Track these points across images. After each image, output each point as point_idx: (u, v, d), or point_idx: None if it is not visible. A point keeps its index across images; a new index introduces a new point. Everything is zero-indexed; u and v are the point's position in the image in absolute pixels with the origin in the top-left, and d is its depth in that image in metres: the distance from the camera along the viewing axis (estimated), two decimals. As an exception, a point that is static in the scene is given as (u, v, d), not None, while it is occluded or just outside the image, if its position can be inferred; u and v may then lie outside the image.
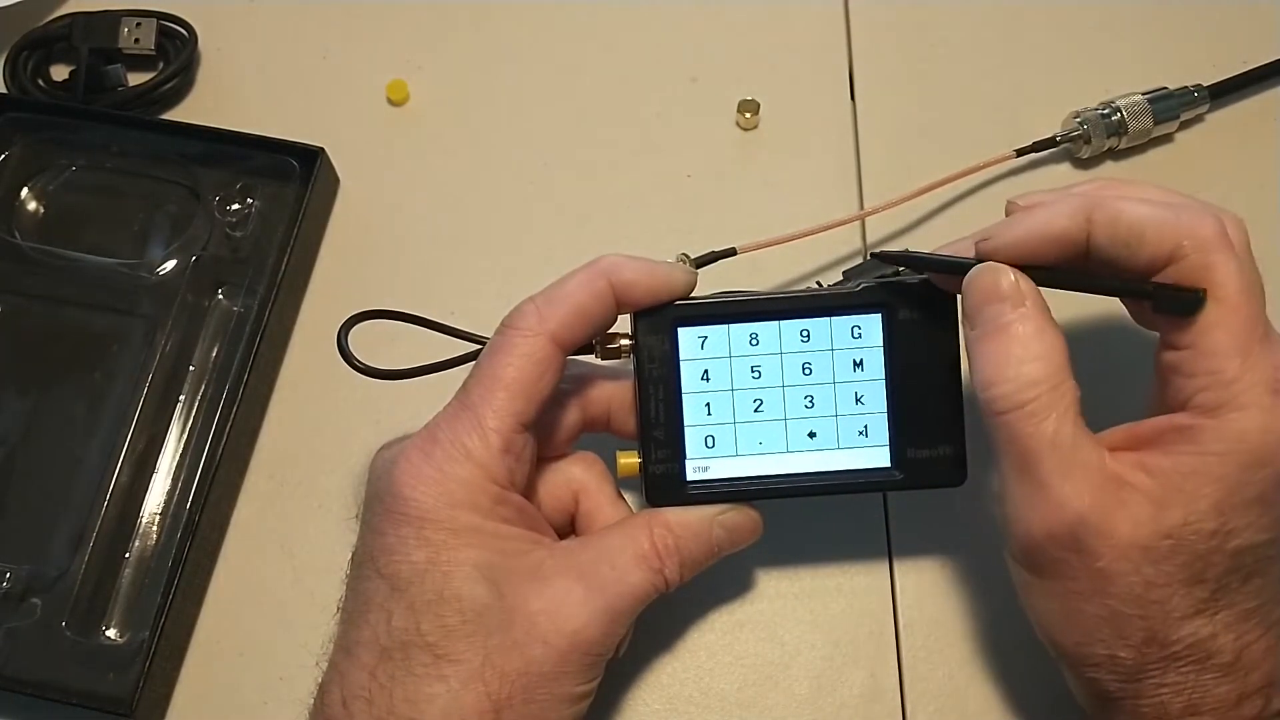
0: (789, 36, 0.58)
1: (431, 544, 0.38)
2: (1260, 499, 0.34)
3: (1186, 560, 0.35)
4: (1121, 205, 0.36)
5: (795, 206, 0.54)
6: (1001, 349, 0.36)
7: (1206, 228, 0.35)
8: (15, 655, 0.46)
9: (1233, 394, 0.34)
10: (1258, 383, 0.34)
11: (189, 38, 0.57)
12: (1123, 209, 0.36)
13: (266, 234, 0.52)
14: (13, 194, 0.54)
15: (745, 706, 0.47)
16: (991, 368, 0.36)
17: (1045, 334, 0.36)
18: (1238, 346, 0.34)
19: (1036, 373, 0.35)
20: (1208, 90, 0.55)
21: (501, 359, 0.39)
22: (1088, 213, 0.36)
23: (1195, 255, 0.35)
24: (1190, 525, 0.34)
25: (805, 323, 0.41)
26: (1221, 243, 0.35)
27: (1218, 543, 0.35)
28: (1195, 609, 0.35)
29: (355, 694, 0.38)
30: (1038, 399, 0.35)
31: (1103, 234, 0.36)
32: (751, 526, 0.42)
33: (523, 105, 0.57)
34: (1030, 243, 0.37)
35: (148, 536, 0.48)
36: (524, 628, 0.37)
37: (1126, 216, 0.36)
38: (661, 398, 0.41)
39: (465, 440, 0.38)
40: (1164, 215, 0.36)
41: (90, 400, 0.50)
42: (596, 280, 0.39)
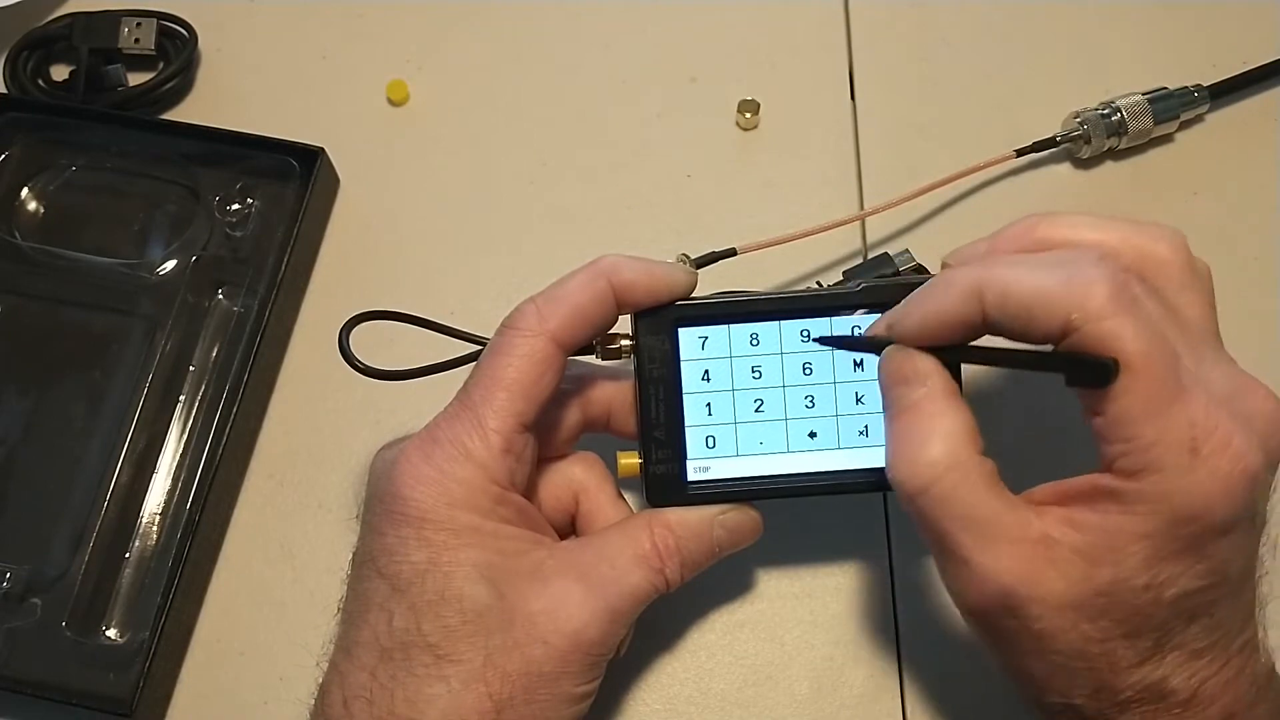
0: (789, 36, 0.58)
1: (432, 544, 0.38)
2: (1191, 550, 0.34)
3: (1123, 615, 0.34)
4: (1008, 281, 0.34)
5: (795, 206, 0.54)
6: (904, 431, 0.36)
7: (1095, 296, 0.33)
8: (15, 655, 0.46)
9: (1150, 458, 0.33)
10: (1173, 444, 0.33)
11: (189, 38, 0.57)
12: (1009, 286, 0.34)
13: (266, 234, 0.52)
14: (13, 194, 0.54)
15: (745, 706, 0.47)
16: (895, 451, 0.36)
17: (947, 414, 0.36)
18: (1148, 411, 0.33)
19: (938, 454, 0.35)
20: (1208, 90, 0.55)
21: (502, 359, 0.39)
22: (978, 292, 0.35)
23: (1087, 326, 0.33)
24: (1122, 581, 0.34)
25: (805, 323, 0.41)
26: (1113, 306, 0.33)
27: (1152, 595, 0.34)
28: (1141, 657, 0.35)
29: (356, 694, 0.38)
30: (942, 480, 0.35)
31: (994, 313, 0.35)
32: (752, 526, 0.42)
33: (523, 105, 0.57)
34: (930, 328, 0.36)
35: (148, 536, 0.48)
36: (524, 628, 0.37)
37: (1013, 293, 0.34)
38: (662, 398, 0.41)
39: (466, 440, 0.38)
40: (1050, 287, 0.34)
41: (90, 400, 0.50)
42: (597, 280, 0.39)
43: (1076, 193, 0.55)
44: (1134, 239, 0.37)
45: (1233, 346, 0.40)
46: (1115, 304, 0.33)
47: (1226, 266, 0.53)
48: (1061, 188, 0.55)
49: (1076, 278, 0.33)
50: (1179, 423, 0.33)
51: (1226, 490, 0.33)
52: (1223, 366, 0.36)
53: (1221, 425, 0.33)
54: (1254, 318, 0.52)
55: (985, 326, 0.36)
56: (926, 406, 0.36)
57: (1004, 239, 0.38)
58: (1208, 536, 0.33)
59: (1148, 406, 0.33)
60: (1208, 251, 0.54)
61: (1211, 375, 0.35)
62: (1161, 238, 0.37)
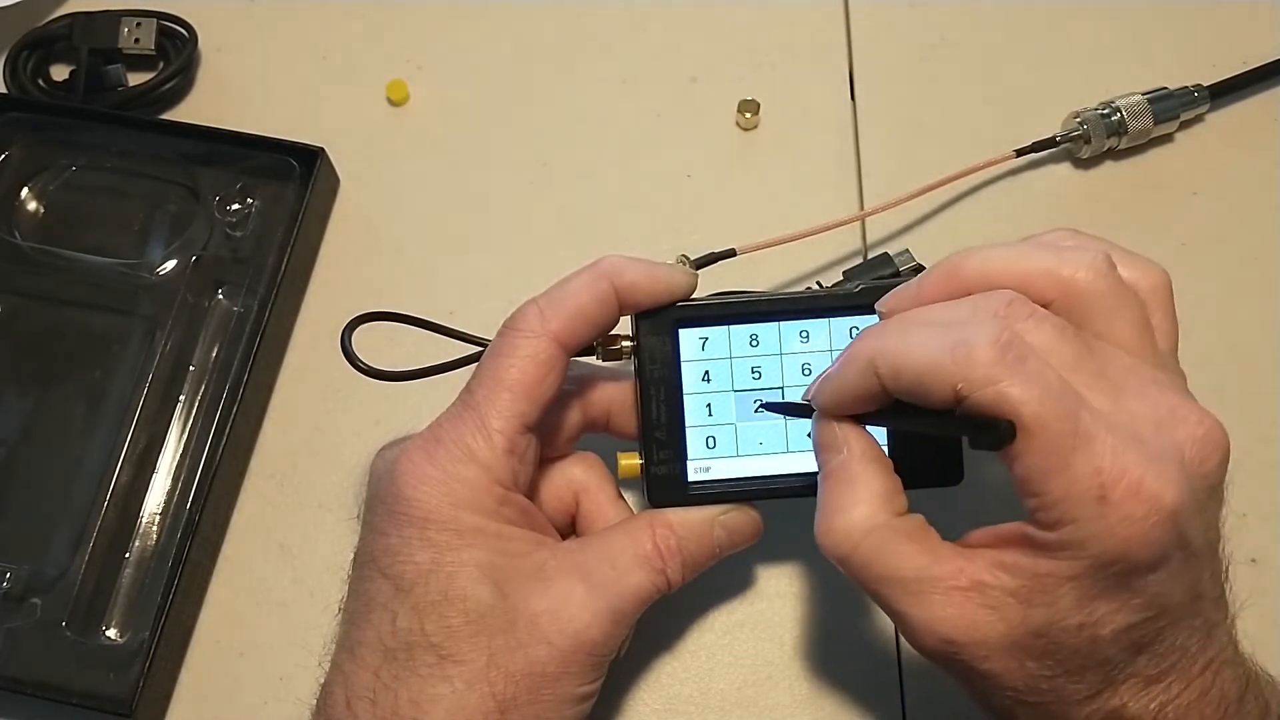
0: (789, 36, 0.58)
1: (435, 545, 0.38)
2: (1119, 588, 0.33)
3: (1064, 655, 0.34)
4: (899, 354, 0.34)
5: (795, 206, 0.54)
6: (825, 498, 0.37)
7: (978, 362, 0.33)
8: (15, 655, 0.46)
9: (1062, 511, 0.33)
10: (1081, 495, 0.32)
11: (189, 38, 0.57)
12: (899, 359, 0.34)
13: (266, 234, 0.52)
14: (13, 194, 0.53)
15: (745, 706, 0.47)
16: (820, 518, 0.37)
17: (864, 479, 0.36)
18: (1051, 467, 0.32)
19: (856, 520, 0.36)
20: (1208, 90, 0.55)
21: (504, 360, 0.39)
22: (873, 366, 0.35)
23: (975, 394, 0.33)
24: (1056, 623, 0.34)
25: (805, 323, 0.41)
26: (998, 369, 0.32)
27: (1089, 634, 0.34)
28: (1093, 690, 0.35)
29: (359, 695, 0.38)
30: (861, 545, 0.36)
31: (891, 385, 0.35)
32: (753, 527, 0.42)
33: (523, 105, 0.57)
34: (839, 402, 0.37)
35: (148, 536, 0.48)
36: (527, 628, 0.37)
37: (903, 367, 0.34)
38: (663, 399, 0.41)
39: (469, 441, 0.38)
40: (936, 356, 0.33)
41: (90, 400, 0.50)
42: (599, 282, 0.39)
43: (1076, 193, 0.55)
44: (1053, 269, 0.36)
45: (1233, 346, 0.40)
46: (999, 367, 0.32)
47: (1226, 266, 0.54)
48: (1061, 188, 0.55)
49: (960, 345, 0.33)
50: (1083, 474, 0.32)
51: (1142, 534, 0.32)
52: (1152, 396, 0.35)
53: (1130, 468, 0.32)
54: (1254, 318, 0.52)
55: (889, 395, 0.35)
56: (843, 473, 0.37)
57: (928, 285, 0.37)
58: (1135, 575, 0.33)
59: (1048, 463, 0.32)
60: (1208, 251, 0.54)
61: (1135, 409, 0.34)
62: (1081, 265, 0.36)
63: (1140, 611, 0.34)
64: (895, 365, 0.34)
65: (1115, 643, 0.34)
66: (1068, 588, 0.33)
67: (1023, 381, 0.32)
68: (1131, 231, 0.53)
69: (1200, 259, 0.53)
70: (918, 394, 0.34)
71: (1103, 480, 0.32)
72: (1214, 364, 0.50)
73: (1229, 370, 0.50)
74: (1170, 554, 0.33)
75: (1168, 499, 0.32)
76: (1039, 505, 0.33)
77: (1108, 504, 0.32)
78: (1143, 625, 0.34)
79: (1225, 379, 0.50)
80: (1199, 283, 0.52)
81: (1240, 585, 0.38)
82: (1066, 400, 0.33)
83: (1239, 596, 0.37)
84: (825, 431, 0.38)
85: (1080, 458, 0.32)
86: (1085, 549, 0.33)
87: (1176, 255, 0.53)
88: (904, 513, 0.37)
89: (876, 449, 0.37)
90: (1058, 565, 0.33)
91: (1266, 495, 0.49)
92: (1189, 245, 0.53)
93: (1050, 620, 0.34)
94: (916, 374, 0.34)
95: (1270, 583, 0.47)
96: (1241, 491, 0.37)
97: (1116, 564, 0.33)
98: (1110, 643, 0.34)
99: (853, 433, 0.37)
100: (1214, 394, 0.37)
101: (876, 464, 0.37)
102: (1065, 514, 0.33)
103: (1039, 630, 0.34)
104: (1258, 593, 0.41)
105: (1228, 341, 0.51)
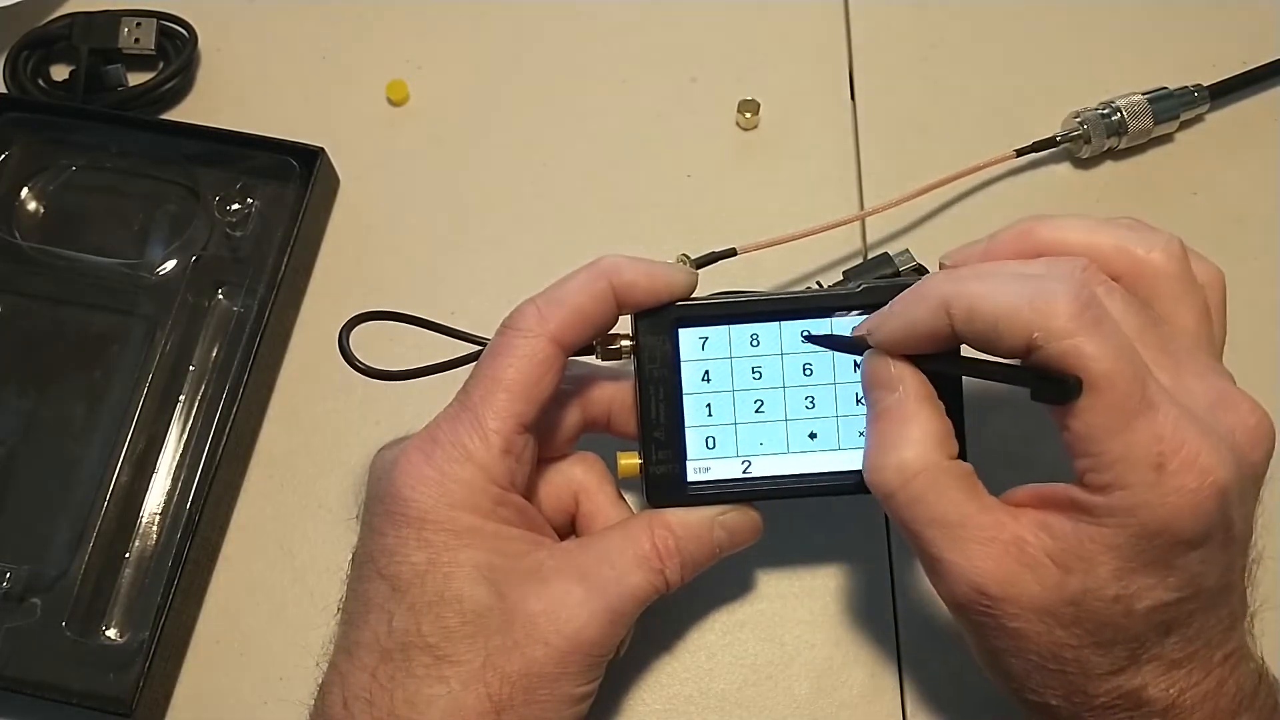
0: (789, 36, 0.58)
1: (432, 545, 0.38)
2: (1160, 562, 0.34)
3: (1094, 626, 0.35)
4: (975, 297, 0.35)
5: (795, 206, 0.54)
6: (878, 435, 0.37)
7: (1058, 314, 0.33)
8: (15, 655, 0.46)
9: (1116, 474, 0.33)
10: (1139, 460, 0.33)
11: (189, 38, 0.57)
12: (975, 302, 0.34)
13: (266, 234, 0.52)
14: (13, 194, 0.53)
15: (745, 706, 0.47)
16: (870, 454, 0.37)
17: (919, 419, 0.37)
18: (1112, 428, 0.33)
19: (908, 458, 0.36)
20: (1208, 90, 0.55)
21: (502, 360, 0.39)
22: (946, 306, 0.35)
23: (1050, 345, 0.33)
24: (1092, 592, 0.34)
25: (806, 323, 0.41)
26: (1075, 325, 0.33)
27: (1123, 607, 0.34)
28: (1117, 666, 0.35)
29: (356, 695, 0.38)
30: (911, 483, 0.36)
31: (962, 328, 0.35)
32: (752, 527, 0.42)
33: (523, 105, 0.57)
34: (903, 338, 0.37)
35: (148, 536, 0.48)
36: (524, 629, 0.37)
37: (979, 310, 0.34)
38: (662, 398, 0.41)
39: (466, 441, 0.38)
40: (1015, 304, 0.34)
41: (90, 400, 0.50)
42: (597, 281, 0.39)
43: (1076, 193, 0.55)
44: (1129, 246, 0.37)
45: (1233, 346, 0.40)
46: (1077, 322, 0.33)
47: (1226, 266, 0.53)
48: (1061, 188, 0.55)
49: (1040, 295, 0.33)
50: (1144, 439, 0.33)
51: (1193, 506, 0.33)
52: (1209, 379, 0.35)
53: (1189, 441, 0.33)
54: (1254, 317, 0.52)
55: (956, 339, 0.36)
56: (899, 412, 0.37)
57: (1000, 242, 0.38)
58: (1177, 550, 0.33)
59: (1111, 423, 0.33)
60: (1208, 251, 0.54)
61: (1193, 388, 0.35)
62: (1156, 245, 0.37)
63: (1176, 590, 0.34)
64: (972, 307, 0.35)
65: (1147, 619, 0.34)
66: (1108, 557, 0.34)
67: (1097, 340, 0.33)
68: (1131, 231, 0.53)
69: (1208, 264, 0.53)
70: (989, 339, 0.35)
71: (1161, 449, 0.33)
72: (1214, 364, 0.50)
73: (1228, 370, 0.50)
74: (1213, 533, 0.34)
75: (1221, 475, 0.33)
76: (1093, 466, 0.34)
77: (1163, 473, 0.33)
78: (1177, 605, 0.34)
79: (1225, 379, 0.50)
80: (1199, 283, 0.52)
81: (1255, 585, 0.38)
82: (1137, 365, 0.33)
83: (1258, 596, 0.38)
84: (880, 368, 0.38)
85: (1143, 422, 0.33)
86: (1134, 516, 0.33)
87: (1177, 255, 0.53)
88: (955, 457, 0.37)
89: (930, 390, 0.37)
90: (1102, 533, 0.34)
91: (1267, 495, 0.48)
92: (1189, 245, 0.53)
93: (1086, 589, 0.34)
94: (993, 318, 0.34)
95: (1271, 584, 0.47)
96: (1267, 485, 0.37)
97: (1161, 535, 0.33)
98: (1142, 619, 0.34)
99: (909, 371, 0.37)
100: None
101: (931, 404, 0.37)
102: (1119, 477, 0.33)
103: (1073, 598, 0.34)
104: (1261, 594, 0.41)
105: (1227, 341, 0.51)
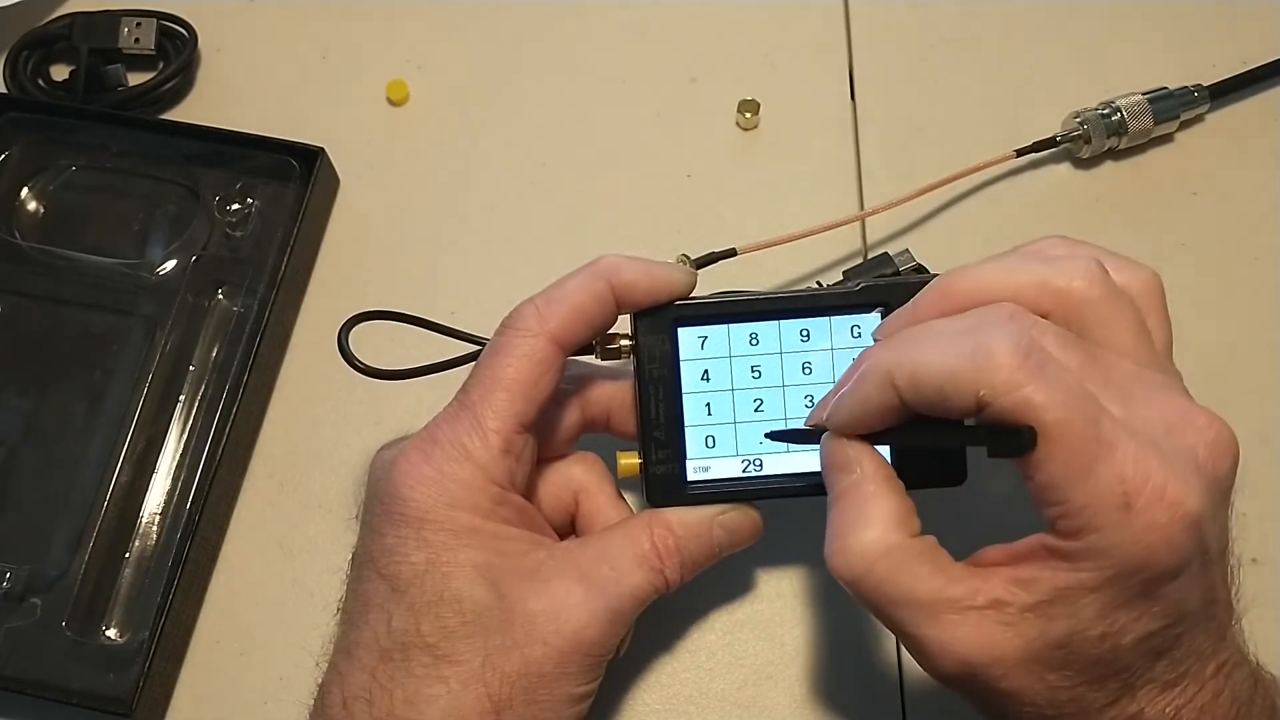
0: (789, 36, 0.58)
1: (431, 545, 0.38)
2: (1143, 596, 0.33)
3: (1084, 664, 0.34)
4: (917, 365, 0.34)
5: (795, 206, 0.54)
6: (837, 518, 0.36)
7: (1000, 368, 0.32)
8: (15, 655, 0.46)
9: (1085, 519, 0.32)
10: (1105, 503, 0.32)
11: (189, 38, 0.57)
12: (917, 370, 0.34)
13: (266, 234, 0.52)
14: (13, 194, 0.54)
15: (745, 706, 0.47)
16: (831, 539, 0.36)
17: (878, 498, 0.36)
18: (1074, 475, 0.32)
19: (868, 542, 0.35)
20: (1208, 90, 0.55)
21: (501, 360, 0.39)
22: (890, 379, 0.35)
23: (998, 400, 0.32)
24: (1078, 633, 0.34)
25: (805, 322, 0.41)
26: (1021, 375, 0.32)
27: (1110, 643, 0.34)
28: (1112, 698, 0.35)
29: (355, 695, 0.38)
30: (874, 568, 0.35)
31: (910, 397, 0.35)
32: (752, 527, 0.42)
33: (523, 105, 0.57)
34: (855, 419, 0.36)
35: (148, 536, 0.48)
36: (524, 628, 0.37)
37: (922, 378, 0.34)
38: (662, 398, 0.41)
39: (465, 441, 0.38)
40: (956, 365, 0.33)
41: (90, 400, 0.50)
42: (596, 281, 0.39)
43: (1076, 193, 0.55)
44: (1048, 280, 0.36)
45: (1232, 346, 0.40)
46: (1021, 373, 0.32)
47: (1226, 266, 0.53)
48: (1062, 188, 0.55)
49: (979, 352, 0.33)
50: (1107, 480, 0.32)
51: (1166, 539, 0.32)
52: (1158, 401, 0.35)
53: (1154, 474, 0.32)
54: (1254, 318, 0.52)
55: (907, 409, 0.35)
56: (856, 493, 0.36)
57: (922, 306, 0.37)
58: (1158, 582, 0.33)
59: (1072, 470, 0.32)
60: (1208, 251, 0.54)
61: (1146, 415, 0.34)
62: (1075, 274, 0.36)
63: (1160, 619, 0.34)
64: (914, 375, 0.34)
65: (1135, 650, 0.34)
66: (1090, 598, 0.33)
67: (1045, 387, 0.32)
68: (1131, 232, 0.54)
69: (1200, 259, 0.53)
70: (938, 404, 0.34)
71: (1126, 488, 0.32)
72: (1213, 364, 0.50)
73: (1228, 370, 0.50)
74: (1191, 560, 0.33)
75: (1190, 504, 0.32)
76: (1061, 514, 0.33)
77: (1132, 511, 0.32)
78: (1162, 632, 0.34)
79: (1225, 379, 0.50)
80: (1199, 283, 0.52)
81: (1244, 586, 0.38)
82: (1088, 406, 0.33)
83: (1243, 597, 0.38)
84: (837, 451, 0.37)
85: (1103, 465, 0.32)
86: (1109, 557, 0.33)
87: (1176, 255, 0.53)
88: (917, 534, 0.36)
89: (888, 469, 0.37)
90: (1080, 576, 0.33)
91: (1267, 495, 0.49)
92: (1189, 245, 0.53)
93: (1072, 631, 0.34)
94: (937, 383, 0.34)
95: (1272, 583, 0.47)
96: (1242, 492, 0.37)
97: (1140, 572, 0.33)
98: (1130, 650, 0.34)
99: (865, 452, 0.37)
100: (1213, 394, 0.37)
101: (889, 484, 0.36)
102: (1089, 522, 0.32)
103: (1059, 642, 0.34)
104: (1260, 593, 0.41)
105: (1227, 341, 0.51)
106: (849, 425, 0.37)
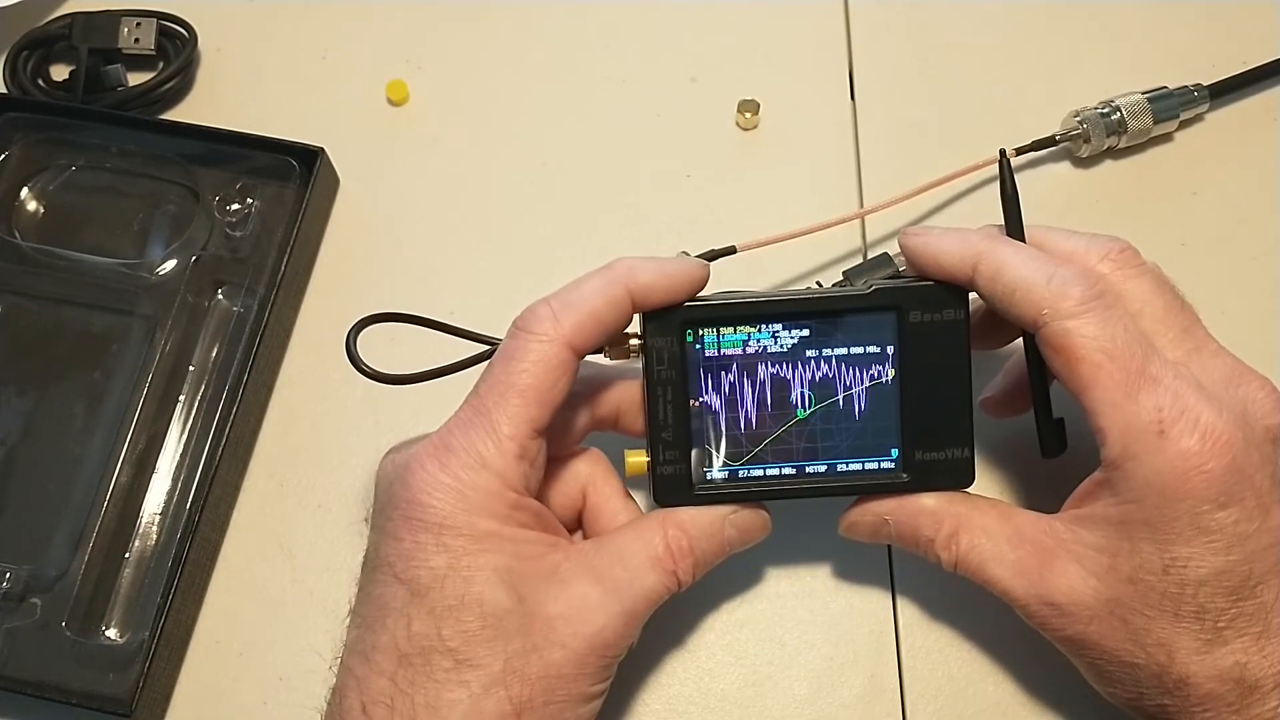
0: (789, 36, 0.58)
1: (451, 550, 0.38)
2: (1194, 527, 0.35)
3: (1157, 600, 0.36)
4: (1004, 260, 0.38)
5: (795, 206, 0.54)
6: None
7: (1070, 297, 0.37)
8: (15, 655, 0.46)
9: (1124, 445, 0.36)
10: (1142, 429, 0.36)
11: (189, 38, 0.57)
12: (1003, 265, 0.38)
13: (266, 234, 0.52)
14: (13, 194, 0.53)
15: (745, 706, 0.47)
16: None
17: None
18: (1113, 402, 0.36)
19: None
20: (1208, 90, 0.55)
21: (516, 364, 0.38)
22: (976, 258, 0.39)
23: (1053, 324, 0.37)
24: (1142, 567, 0.36)
25: (813, 324, 0.41)
26: (1080, 308, 0.37)
27: (1175, 576, 0.36)
28: (1204, 643, 0.36)
29: (376, 700, 0.37)
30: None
31: (983, 283, 0.39)
32: (762, 525, 0.42)
33: (523, 105, 0.57)
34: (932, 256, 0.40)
35: (148, 536, 0.48)
36: (543, 631, 0.37)
37: (1004, 274, 0.38)
38: (670, 399, 0.41)
39: (480, 448, 0.38)
40: (1034, 280, 0.38)
41: (90, 400, 0.50)
42: (613, 286, 0.39)
43: (1076, 192, 0.55)
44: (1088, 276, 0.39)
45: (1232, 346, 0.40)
46: (1084, 307, 0.37)
47: (1226, 266, 0.54)
48: (1061, 187, 0.55)
49: (1058, 278, 0.37)
50: (1145, 408, 0.36)
51: (1200, 465, 0.35)
52: (1225, 358, 0.39)
53: (1189, 407, 0.35)
54: (1254, 317, 0.52)
55: (970, 287, 0.40)
56: None
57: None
58: (1204, 512, 0.35)
59: (1111, 397, 0.36)
60: (1208, 251, 0.54)
61: (1209, 364, 0.38)
62: (1145, 273, 0.40)
63: (1223, 553, 0.35)
64: (998, 268, 0.38)
65: (1206, 586, 0.36)
66: (1143, 531, 0.36)
67: (1099, 322, 0.37)
68: (1131, 231, 0.53)
69: (1200, 259, 0.53)
70: (1003, 301, 0.38)
71: (1161, 417, 0.36)
72: (1214, 364, 0.50)
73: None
74: (1235, 491, 0.35)
75: (1225, 434, 0.35)
76: (1104, 440, 0.37)
77: (1165, 438, 0.35)
78: (1231, 570, 0.36)
79: (1225, 379, 0.50)
80: (1199, 283, 0.52)
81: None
82: (1137, 345, 0.37)
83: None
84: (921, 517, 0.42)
85: (1143, 395, 0.36)
86: (1146, 484, 0.35)
87: (1176, 255, 0.53)
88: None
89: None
90: (1129, 510, 0.36)
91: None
92: (1189, 245, 0.53)
93: (1135, 565, 0.36)
94: (1011, 284, 0.38)
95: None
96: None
97: (1180, 499, 0.35)
98: (1201, 585, 0.36)
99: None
100: (1215, 393, 0.37)
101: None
102: (1126, 448, 0.36)
103: (1128, 576, 0.36)
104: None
105: (1227, 341, 0.51)
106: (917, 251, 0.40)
